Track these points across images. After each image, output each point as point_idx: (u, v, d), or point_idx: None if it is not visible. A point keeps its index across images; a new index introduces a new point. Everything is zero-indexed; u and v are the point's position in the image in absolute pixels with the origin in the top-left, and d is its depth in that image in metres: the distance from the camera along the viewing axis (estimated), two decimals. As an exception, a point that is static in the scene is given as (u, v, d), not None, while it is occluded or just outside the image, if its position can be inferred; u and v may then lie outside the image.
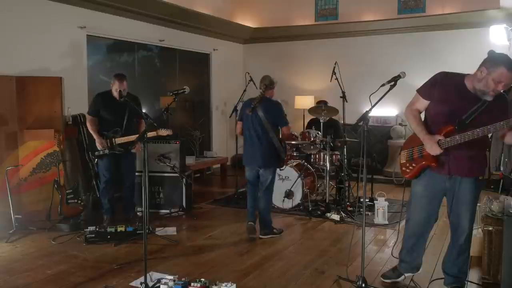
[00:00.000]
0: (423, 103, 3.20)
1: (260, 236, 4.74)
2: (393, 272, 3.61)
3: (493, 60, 2.91)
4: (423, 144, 3.12)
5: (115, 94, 5.01)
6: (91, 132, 5.08)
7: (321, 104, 6.24)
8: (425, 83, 3.21)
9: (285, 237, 4.86)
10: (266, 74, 4.78)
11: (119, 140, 5.03)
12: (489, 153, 3.23)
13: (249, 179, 4.84)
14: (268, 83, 4.64)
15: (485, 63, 2.93)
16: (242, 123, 4.78)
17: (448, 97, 3.06)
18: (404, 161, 3.30)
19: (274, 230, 4.85)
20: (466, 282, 3.39)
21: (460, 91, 3.03)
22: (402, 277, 3.57)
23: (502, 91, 2.98)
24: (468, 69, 3.27)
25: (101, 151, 5.03)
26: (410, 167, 3.24)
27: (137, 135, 4.67)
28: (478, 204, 4.14)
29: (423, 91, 3.19)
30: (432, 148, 3.03)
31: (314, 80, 8.97)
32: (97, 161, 5.22)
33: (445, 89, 3.07)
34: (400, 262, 3.58)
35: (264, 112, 4.53)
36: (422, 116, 3.28)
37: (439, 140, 3.01)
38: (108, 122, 5.08)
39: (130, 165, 5.29)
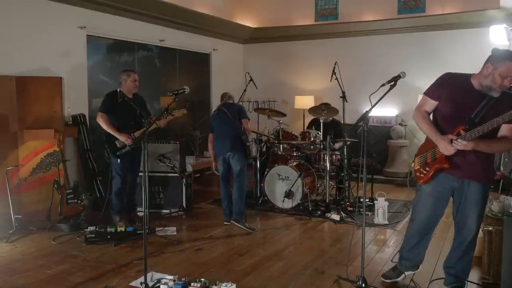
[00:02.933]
0: (431, 104, 3.21)
1: (231, 221, 5.15)
2: (393, 271, 3.61)
3: (498, 56, 2.93)
4: (435, 148, 3.13)
5: (132, 85, 5.10)
6: (110, 130, 4.96)
7: (321, 105, 6.24)
8: (431, 85, 3.24)
9: (285, 237, 4.86)
10: (266, 74, 4.98)
11: (138, 133, 5.02)
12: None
13: (221, 173, 5.29)
14: (225, 96, 5.51)
15: (490, 60, 2.96)
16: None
17: (455, 96, 3.07)
18: (418, 167, 3.29)
19: (246, 224, 5.05)
20: (466, 282, 3.39)
21: (467, 90, 3.04)
22: (403, 275, 3.57)
23: (509, 88, 2.99)
24: (468, 69, 3.29)
25: (123, 149, 4.98)
26: (424, 172, 3.22)
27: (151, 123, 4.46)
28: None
29: (430, 92, 3.21)
30: (446, 147, 3.00)
31: (314, 80, 8.97)
32: (113, 160, 5.09)
33: (452, 89, 3.10)
34: (400, 260, 3.58)
35: (228, 110, 5.28)
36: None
37: (452, 139, 2.99)
38: (120, 121, 5.05)
39: (138, 165, 5.28)
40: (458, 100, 3.05)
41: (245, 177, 5.23)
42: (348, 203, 5.79)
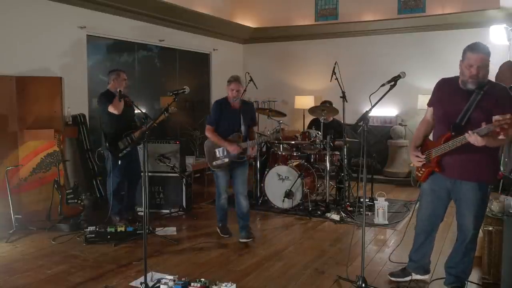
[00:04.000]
0: (429, 111, 3.41)
1: None
2: (401, 272, 3.65)
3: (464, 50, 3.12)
4: (430, 150, 3.23)
5: (123, 84, 5.07)
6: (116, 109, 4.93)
7: (325, 104, 6.24)
8: None
9: (285, 237, 4.86)
10: (266, 74, 4.86)
11: (137, 133, 5.04)
12: (498, 157, 3.26)
13: None
14: None
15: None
16: None
17: (443, 97, 3.22)
18: (418, 166, 3.40)
19: (221, 232, 4.83)
20: (466, 282, 3.39)
21: (453, 90, 3.17)
22: (409, 277, 3.59)
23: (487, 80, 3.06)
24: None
25: (124, 150, 4.99)
26: (421, 171, 3.36)
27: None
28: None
29: (429, 101, 3.39)
30: (412, 159, 3.35)
31: (314, 80, 8.96)
32: (112, 161, 5.06)
33: (442, 91, 3.26)
34: (408, 261, 3.64)
35: None
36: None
37: (427, 152, 3.24)
38: (122, 121, 5.05)
39: (137, 165, 5.28)
40: (445, 101, 3.18)
41: (216, 187, 4.78)
42: (348, 203, 5.79)
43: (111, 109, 4.91)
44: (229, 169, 4.67)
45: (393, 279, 3.62)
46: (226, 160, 4.59)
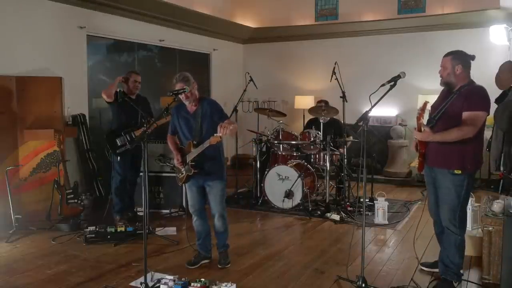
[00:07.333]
0: None
1: None
2: (433, 262, 3.72)
3: None
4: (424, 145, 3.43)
5: (132, 85, 5.14)
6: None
7: (321, 104, 6.24)
8: None
9: (285, 237, 4.86)
10: (266, 74, 4.77)
11: (137, 133, 5.07)
12: (474, 149, 3.34)
13: None
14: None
15: None
16: None
17: (438, 99, 3.45)
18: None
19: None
20: (465, 280, 3.40)
21: (443, 92, 3.42)
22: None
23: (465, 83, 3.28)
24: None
25: (123, 147, 5.03)
26: (416, 163, 3.62)
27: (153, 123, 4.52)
28: (476, 205, 4.16)
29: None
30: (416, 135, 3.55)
31: (314, 80, 8.96)
32: (114, 159, 5.13)
33: (439, 95, 3.47)
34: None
35: None
36: None
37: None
38: (120, 120, 5.12)
39: (139, 163, 5.28)
40: (436, 104, 3.40)
41: None
42: (348, 203, 5.79)
43: (102, 93, 5.06)
44: (197, 186, 3.94)
45: (423, 268, 3.75)
46: (184, 173, 3.90)
